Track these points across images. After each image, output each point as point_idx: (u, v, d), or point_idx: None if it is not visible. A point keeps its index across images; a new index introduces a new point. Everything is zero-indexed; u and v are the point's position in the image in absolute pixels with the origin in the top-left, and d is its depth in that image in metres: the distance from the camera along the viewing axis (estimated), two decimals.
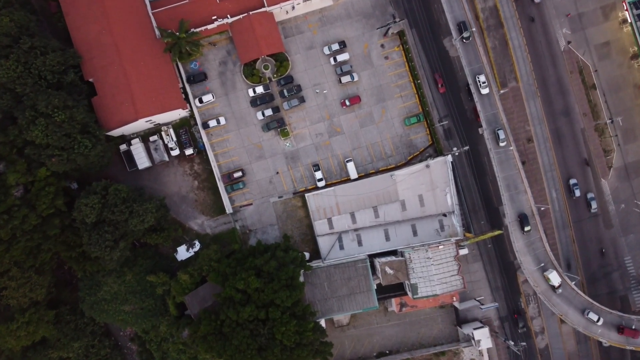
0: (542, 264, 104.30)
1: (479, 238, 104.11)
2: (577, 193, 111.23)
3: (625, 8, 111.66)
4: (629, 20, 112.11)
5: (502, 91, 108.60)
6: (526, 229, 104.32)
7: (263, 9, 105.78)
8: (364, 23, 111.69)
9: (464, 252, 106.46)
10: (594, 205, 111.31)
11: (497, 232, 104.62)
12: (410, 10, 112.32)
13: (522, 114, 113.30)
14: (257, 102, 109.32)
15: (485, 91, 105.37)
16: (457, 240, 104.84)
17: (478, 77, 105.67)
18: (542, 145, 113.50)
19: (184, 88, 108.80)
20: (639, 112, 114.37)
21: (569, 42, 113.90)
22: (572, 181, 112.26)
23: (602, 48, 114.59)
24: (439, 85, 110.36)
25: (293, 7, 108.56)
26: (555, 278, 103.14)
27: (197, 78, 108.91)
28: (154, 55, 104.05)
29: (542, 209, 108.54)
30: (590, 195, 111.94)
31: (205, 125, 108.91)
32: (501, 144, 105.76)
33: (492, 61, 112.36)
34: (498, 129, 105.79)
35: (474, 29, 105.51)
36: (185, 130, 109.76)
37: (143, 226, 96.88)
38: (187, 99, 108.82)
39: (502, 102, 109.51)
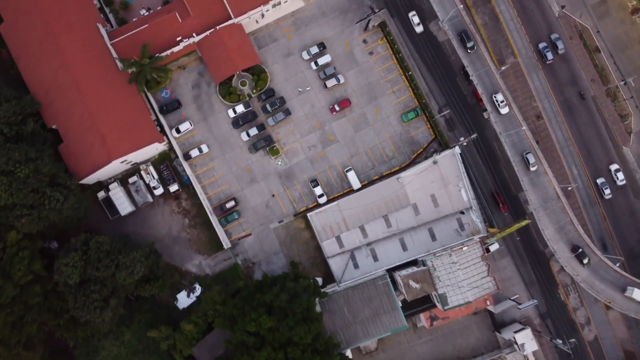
0: (580, 249, 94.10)
1: (505, 232, 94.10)
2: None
3: None
4: None
5: (502, 68, 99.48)
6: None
7: (230, 22, 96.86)
8: (341, 20, 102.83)
9: (494, 247, 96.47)
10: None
11: (524, 222, 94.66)
12: None
13: (526, 90, 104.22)
14: (240, 122, 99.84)
15: (504, 111, 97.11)
16: (481, 237, 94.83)
17: (495, 97, 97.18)
18: (554, 120, 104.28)
19: (157, 119, 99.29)
20: None
21: (562, 7, 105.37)
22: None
23: (599, 7, 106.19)
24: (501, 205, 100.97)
25: (262, 15, 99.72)
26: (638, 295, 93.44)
27: (171, 106, 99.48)
28: (119, 89, 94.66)
29: (569, 188, 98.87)
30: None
31: (187, 156, 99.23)
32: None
33: (486, 39, 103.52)
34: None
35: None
36: (166, 165, 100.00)
37: (133, 278, 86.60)
38: (163, 130, 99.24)
39: (504, 80, 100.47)
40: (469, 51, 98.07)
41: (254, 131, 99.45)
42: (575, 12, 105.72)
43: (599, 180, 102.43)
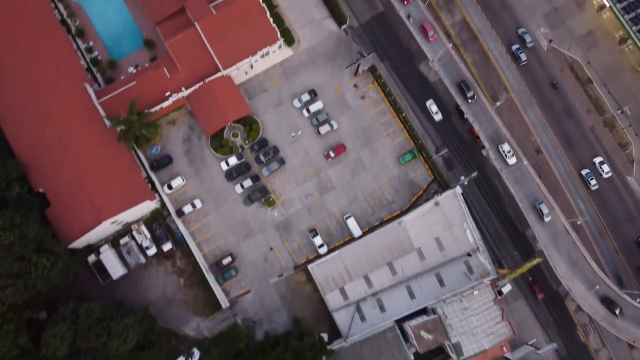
0: (597, 287, 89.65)
1: (517, 272, 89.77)
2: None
3: None
4: (607, 5, 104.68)
5: (497, 104, 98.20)
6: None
7: (219, 74, 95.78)
8: (330, 66, 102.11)
9: (507, 288, 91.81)
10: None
11: (535, 261, 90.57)
12: (376, 43, 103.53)
13: (522, 125, 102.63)
14: (233, 174, 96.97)
15: (512, 161, 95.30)
16: (491, 280, 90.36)
17: (501, 147, 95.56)
18: (554, 154, 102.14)
19: (148, 177, 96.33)
20: None
21: (550, 41, 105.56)
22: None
23: (587, 38, 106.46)
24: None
25: (251, 66, 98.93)
26: None
27: (161, 163, 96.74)
28: (108, 148, 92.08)
29: (579, 222, 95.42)
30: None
31: (180, 213, 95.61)
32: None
33: (477, 76, 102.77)
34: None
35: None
36: (159, 223, 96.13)
37: (126, 346, 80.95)
38: (154, 188, 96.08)
39: (499, 116, 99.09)
40: (469, 101, 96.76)
41: (248, 183, 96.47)
42: (563, 45, 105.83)
43: None
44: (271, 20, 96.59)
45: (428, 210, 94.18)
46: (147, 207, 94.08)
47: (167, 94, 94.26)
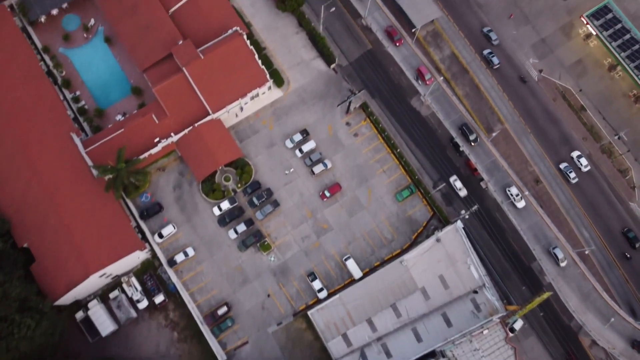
0: (612, 319, 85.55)
1: (527, 308, 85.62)
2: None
3: (585, 22, 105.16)
4: (594, 33, 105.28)
5: (493, 134, 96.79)
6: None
7: (209, 118, 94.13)
8: (321, 105, 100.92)
9: (519, 324, 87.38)
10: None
11: (545, 295, 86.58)
12: (367, 80, 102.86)
13: (519, 155, 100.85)
14: (226, 219, 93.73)
15: (520, 204, 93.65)
16: (500, 317, 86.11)
17: (508, 190, 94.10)
18: (553, 183, 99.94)
19: (138, 226, 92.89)
20: (639, 119, 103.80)
21: (540, 71, 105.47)
22: None
23: (576, 67, 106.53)
24: None
25: (241, 109, 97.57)
26: None
27: (152, 211, 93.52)
28: (96, 198, 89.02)
29: (587, 252, 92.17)
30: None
31: (172, 262, 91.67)
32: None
33: (469, 109, 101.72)
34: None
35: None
36: (150, 274, 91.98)
37: None
38: (144, 237, 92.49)
39: (495, 147, 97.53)
40: (472, 144, 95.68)
41: (242, 227, 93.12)
42: (553, 74, 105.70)
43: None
44: (259, 62, 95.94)
45: (429, 247, 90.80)
46: (137, 257, 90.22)
47: (156, 140, 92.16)
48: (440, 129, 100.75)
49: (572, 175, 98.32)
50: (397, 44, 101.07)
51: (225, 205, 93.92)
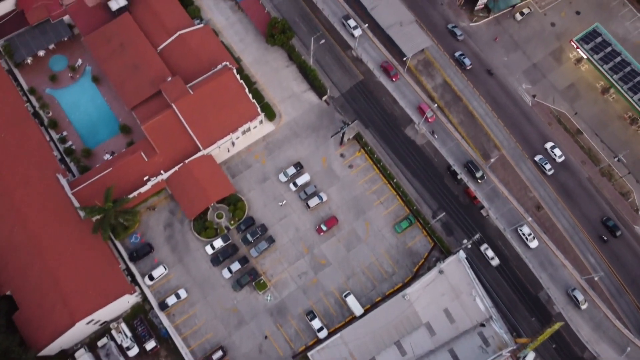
0: (628, 349, 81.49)
1: (538, 341, 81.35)
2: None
3: (575, 46, 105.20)
4: (584, 57, 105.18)
5: (491, 161, 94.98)
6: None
7: (200, 154, 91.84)
8: (314, 137, 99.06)
9: (531, 358, 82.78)
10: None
11: (557, 326, 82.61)
12: (359, 111, 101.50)
13: (518, 181, 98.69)
14: (219, 258, 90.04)
15: (533, 244, 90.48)
16: (510, 351, 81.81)
17: (520, 229, 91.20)
18: (555, 208, 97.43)
19: (127, 268, 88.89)
20: (636, 141, 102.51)
21: (534, 96, 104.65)
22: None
23: (569, 91, 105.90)
24: None
25: (233, 144, 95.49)
26: None
27: (142, 252, 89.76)
28: (83, 241, 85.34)
29: (596, 278, 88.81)
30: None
31: (164, 305, 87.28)
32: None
33: (465, 136, 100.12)
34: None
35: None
36: (140, 319, 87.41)
37: None
38: (134, 280, 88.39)
39: (494, 174, 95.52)
40: (479, 181, 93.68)
41: (236, 266, 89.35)
42: (547, 99, 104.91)
43: None
44: (250, 96, 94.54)
45: (432, 279, 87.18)
46: (126, 301, 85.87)
47: (146, 178, 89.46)
48: (436, 158, 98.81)
49: (570, 194, 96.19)
50: (394, 79, 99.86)
51: (218, 243, 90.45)
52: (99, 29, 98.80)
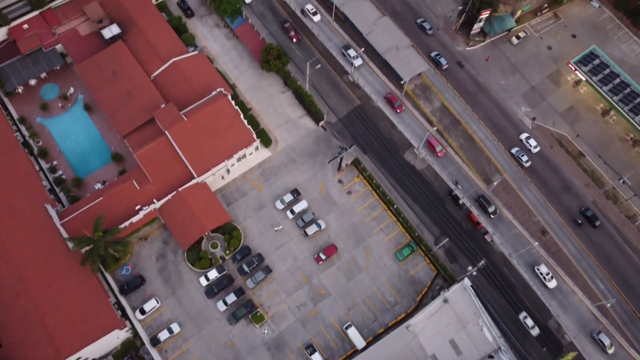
0: None
1: None
2: None
3: (573, 69, 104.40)
4: (583, 79, 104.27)
5: (494, 184, 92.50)
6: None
7: (194, 181, 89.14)
8: (311, 163, 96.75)
9: None
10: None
11: (570, 356, 78.71)
12: (357, 136, 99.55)
13: (522, 205, 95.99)
14: (214, 290, 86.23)
15: (552, 284, 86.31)
16: None
17: (537, 269, 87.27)
18: (560, 233, 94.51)
19: (118, 302, 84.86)
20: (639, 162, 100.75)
21: (534, 119, 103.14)
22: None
23: (569, 113, 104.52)
24: None
25: (228, 171, 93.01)
26: None
27: (133, 284, 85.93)
28: (70, 274, 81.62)
29: (609, 305, 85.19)
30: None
31: (156, 341, 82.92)
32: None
33: (466, 160, 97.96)
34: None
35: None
36: (131, 356, 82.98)
37: None
38: (124, 314, 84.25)
39: (497, 197, 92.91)
40: (492, 217, 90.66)
41: (231, 298, 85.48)
42: (547, 122, 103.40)
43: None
44: (245, 122, 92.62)
45: (437, 309, 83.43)
46: (116, 337, 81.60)
47: (138, 207, 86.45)
48: (437, 182, 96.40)
49: (579, 221, 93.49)
50: (398, 111, 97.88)
51: (213, 274, 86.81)
52: (91, 57, 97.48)
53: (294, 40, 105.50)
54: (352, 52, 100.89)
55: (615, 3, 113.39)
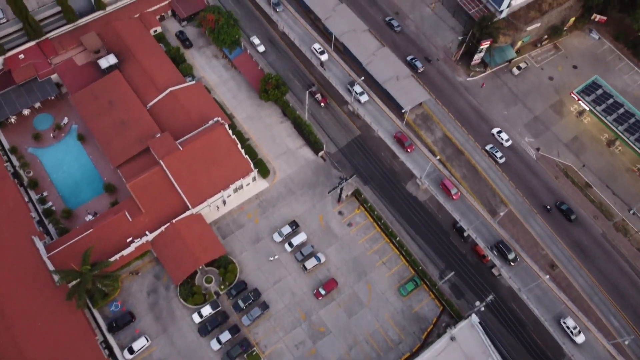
0: None
1: None
2: None
3: (577, 99, 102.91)
4: (587, 109, 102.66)
5: (501, 215, 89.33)
6: None
7: (188, 212, 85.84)
8: (310, 194, 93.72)
9: None
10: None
11: None
12: (358, 166, 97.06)
13: (529, 238, 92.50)
14: (208, 327, 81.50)
15: (580, 339, 79.63)
16: None
17: (563, 322, 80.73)
18: (570, 267, 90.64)
19: (105, 340, 79.88)
20: None
21: (538, 149, 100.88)
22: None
23: (573, 143, 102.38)
24: None
25: (224, 202, 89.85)
26: None
27: (122, 321, 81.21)
28: (55, 309, 77.28)
29: (627, 342, 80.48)
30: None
31: None
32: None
33: (470, 191, 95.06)
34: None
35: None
36: None
37: None
38: (112, 354, 79.15)
39: (503, 229, 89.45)
40: (512, 264, 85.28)
41: (226, 336, 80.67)
42: (552, 152, 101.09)
43: None
44: (243, 151, 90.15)
45: (443, 347, 78.68)
46: None
47: (129, 239, 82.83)
48: (440, 214, 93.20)
49: (585, 251, 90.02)
50: (409, 150, 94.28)
51: (207, 310, 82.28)
52: (87, 87, 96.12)
53: (322, 104, 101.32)
54: (358, 89, 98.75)
55: (615, 34, 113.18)
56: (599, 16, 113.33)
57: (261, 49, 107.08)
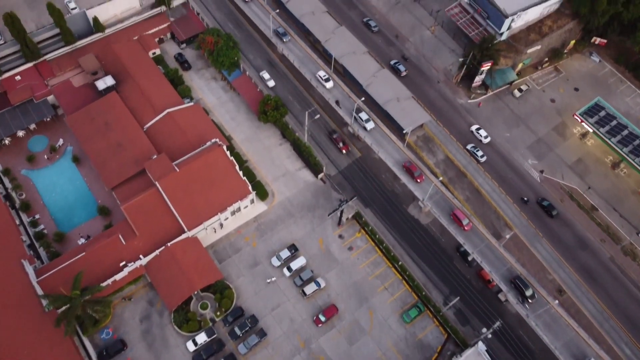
0: None
1: None
2: None
3: (580, 120, 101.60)
4: (590, 131, 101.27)
5: (506, 237, 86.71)
6: None
7: (184, 235, 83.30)
8: (310, 217, 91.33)
9: None
10: None
11: None
12: (358, 189, 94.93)
13: (535, 262, 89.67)
14: (203, 355, 77.94)
15: None
16: None
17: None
18: (578, 292, 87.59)
19: None
20: None
21: (542, 172, 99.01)
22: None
23: (577, 166, 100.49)
24: None
25: (221, 225, 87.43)
26: None
27: (113, 350, 77.68)
28: (43, 336, 73.94)
29: None
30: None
31: None
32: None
33: (473, 213, 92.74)
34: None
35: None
36: None
37: None
38: None
39: (509, 252, 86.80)
40: (529, 301, 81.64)
41: None
42: (556, 175, 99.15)
43: None
44: (241, 173, 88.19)
45: None
46: None
47: (122, 264, 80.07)
48: (444, 238, 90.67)
49: (593, 276, 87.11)
50: (418, 180, 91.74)
51: (202, 338, 78.86)
52: (83, 108, 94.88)
53: (344, 151, 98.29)
54: (364, 116, 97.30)
55: (616, 57, 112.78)
56: (599, 39, 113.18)
57: (271, 84, 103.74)
